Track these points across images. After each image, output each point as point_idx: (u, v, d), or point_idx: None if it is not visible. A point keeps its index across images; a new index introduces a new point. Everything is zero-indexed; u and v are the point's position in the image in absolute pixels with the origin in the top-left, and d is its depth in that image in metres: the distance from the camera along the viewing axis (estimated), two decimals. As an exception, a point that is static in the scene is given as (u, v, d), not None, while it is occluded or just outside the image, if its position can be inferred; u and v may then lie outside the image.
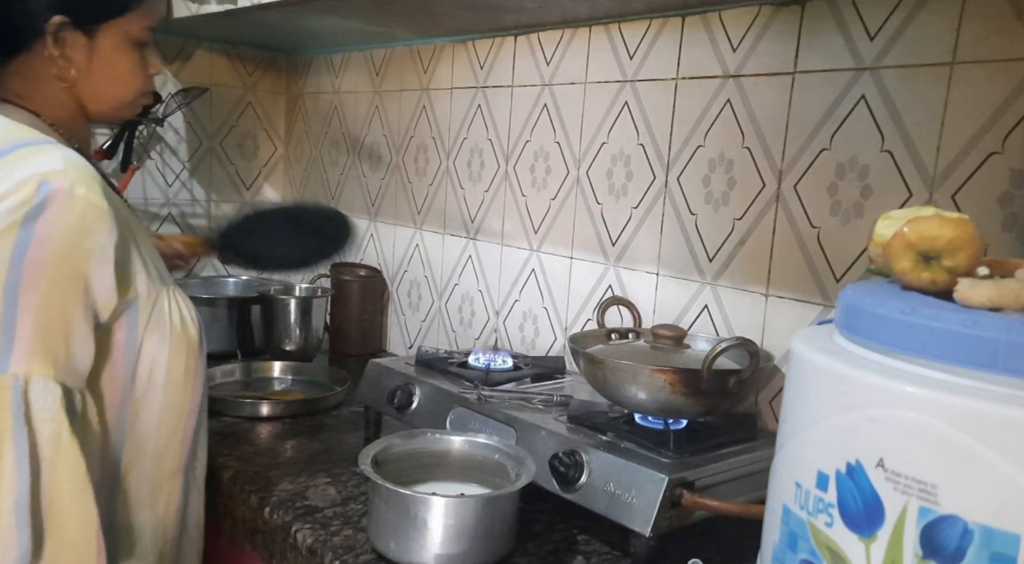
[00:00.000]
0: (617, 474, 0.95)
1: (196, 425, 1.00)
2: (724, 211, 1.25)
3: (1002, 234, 0.96)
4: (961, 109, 0.99)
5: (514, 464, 0.99)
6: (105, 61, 0.97)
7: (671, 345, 1.12)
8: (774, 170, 1.18)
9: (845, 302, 0.63)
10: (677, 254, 1.32)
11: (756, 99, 1.20)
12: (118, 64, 0.98)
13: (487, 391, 1.19)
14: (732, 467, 1.00)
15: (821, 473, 0.58)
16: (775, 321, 1.19)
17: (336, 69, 2.07)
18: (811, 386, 0.61)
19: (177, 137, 2.08)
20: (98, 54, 0.96)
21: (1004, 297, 0.54)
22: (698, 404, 1.01)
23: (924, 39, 1.02)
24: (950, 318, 0.53)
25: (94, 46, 0.96)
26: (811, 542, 0.59)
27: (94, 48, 0.96)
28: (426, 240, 1.83)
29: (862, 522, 0.55)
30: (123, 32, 0.97)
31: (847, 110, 1.09)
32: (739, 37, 1.21)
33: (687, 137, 1.29)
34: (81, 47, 0.95)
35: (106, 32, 0.96)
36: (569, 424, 1.08)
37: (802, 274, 1.15)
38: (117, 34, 0.96)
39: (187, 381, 0.97)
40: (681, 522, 0.93)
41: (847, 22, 1.09)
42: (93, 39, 0.95)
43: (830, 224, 1.12)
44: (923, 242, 0.59)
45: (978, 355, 0.52)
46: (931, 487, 0.52)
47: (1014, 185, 0.95)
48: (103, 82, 0.98)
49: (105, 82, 0.98)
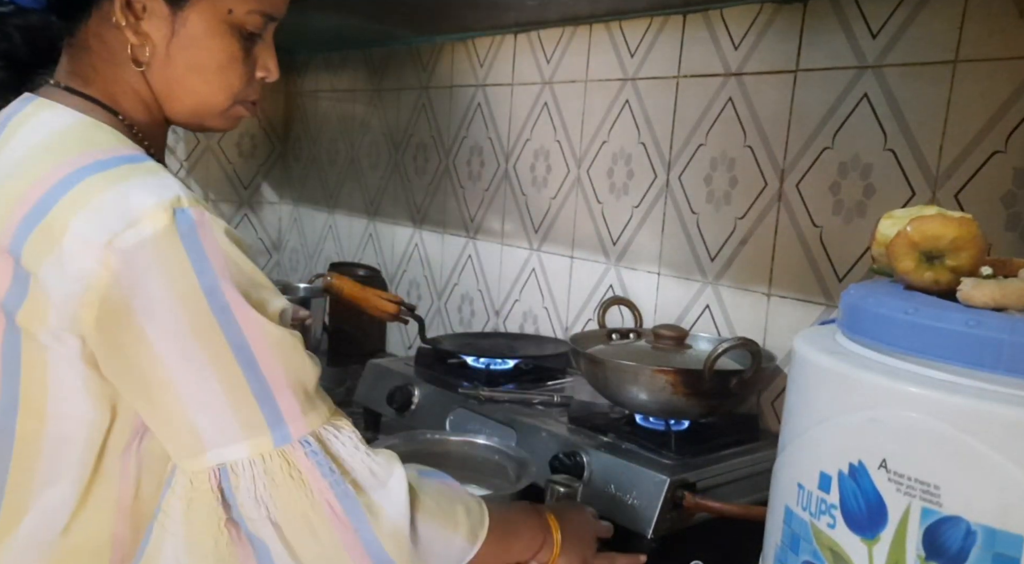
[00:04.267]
0: (618, 475, 0.95)
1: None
2: (726, 210, 1.24)
3: (1005, 233, 0.96)
4: (964, 107, 0.98)
5: (514, 465, 0.99)
6: (191, 44, 0.72)
7: (672, 345, 1.12)
8: (776, 169, 1.17)
9: (847, 302, 0.62)
10: (678, 253, 1.31)
11: (758, 97, 1.19)
12: (209, 52, 0.73)
13: (487, 392, 1.19)
14: (734, 468, 0.99)
15: (823, 474, 0.58)
16: (777, 321, 1.18)
17: (335, 68, 2.07)
18: (813, 387, 0.61)
19: (175, 135, 2.08)
20: (183, 33, 0.72)
21: (1007, 297, 0.54)
22: (699, 405, 1.01)
23: (927, 37, 1.01)
24: (953, 318, 0.53)
25: (179, 21, 0.71)
26: (813, 543, 0.59)
27: (179, 24, 0.71)
28: (425, 239, 1.83)
29: (865, 523, 0.55)
30: (222, 11, 0.72)
31: (849, 108, 1.09)
32: (741, 35, 1.21)
33: (688, 136, 1.28)
34: (161, 20, 0.71)
35: (198, 6, 0.71)
36: (570, 425, 1.08)
37: (804, 274, 1.15)
38: (214, 12, 0.72)
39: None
40: (682, 524, 0.93)
41: (849, 20, 1.08)
42: (179, 10, 0.71)
43: (832, 223, 1.12)
44: (926, 241, 0.59)
45: (981, 355, 0.52)
46: (934, 488, 0.51)
47: (1017, 184, 0.95)
48: (186, 74, 0.73)
49: (188, 74, 0.73)
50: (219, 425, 0.64)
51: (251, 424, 0.65)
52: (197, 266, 0.62)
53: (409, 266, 1.88)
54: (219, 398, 0.64)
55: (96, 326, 0.62)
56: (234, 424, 0.64)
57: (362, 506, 0.67)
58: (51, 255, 0.62)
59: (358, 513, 0.67)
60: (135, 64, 0.72)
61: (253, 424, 0.65)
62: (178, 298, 0.62)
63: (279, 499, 0.65)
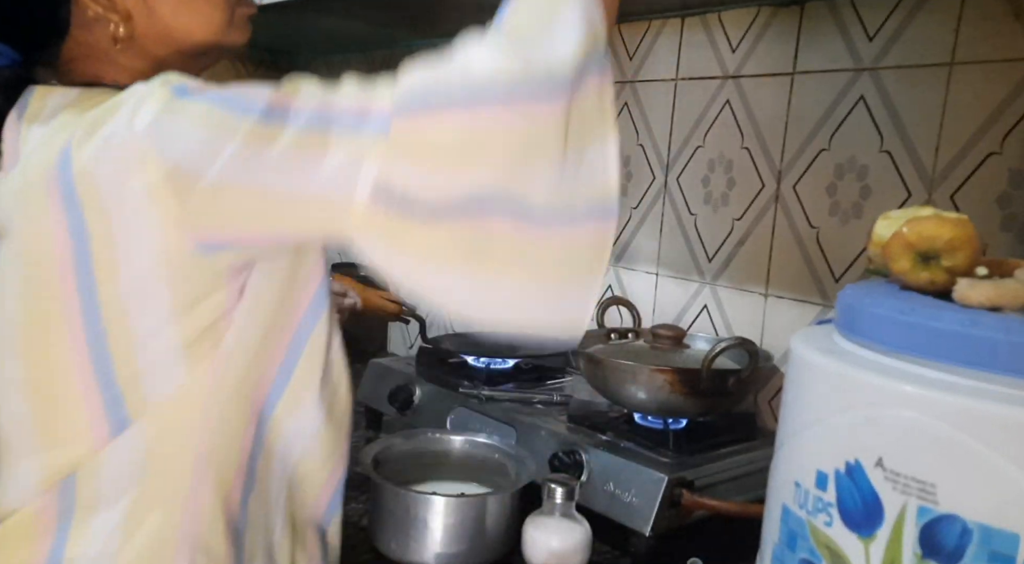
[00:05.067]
0: (617, 473, 0.95)
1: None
2: (723, 211, 1.25)
3: (1001, 234, 0.96)
4: (960, 109, 0.99)
5: (514, 464, 1.00)
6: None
7: (670, 345, 1.12)
8: (773, 170, 1.18)
9: (844, 302, 0.63)
10: (676, 254, 1.32)
11: (755, 99, 1.20)
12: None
13: (487, 391, 1.19)
14: (731, 467, 1.00)
15: (820, 472, 0.58)
16: (774, 321, 1.19)
17: (336, 71, 2.07)
18: (810, 386, 0.61)
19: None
20: None
21: (1003, 297, 0.54)
22: (697, 404, 1.01)
23: (923, 40, 1.02)
24: (949, 318, 0.54)
25: None
26: (810, 541, 0.59)
27: None
28: (426, 240, 1.83)
29: (861, 521, 0.55)
30: None
31: (846, 110, 1.09)
32: (738, 38, 1.21)
33: (686, 137, 1.29)
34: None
35: None
36: (569, 424, 1.09)
37: (801, 274, 1.15)
38: None
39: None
40: (681, 521, 0.93)
41: (846, 23, 1.09)
42: None
43: (829, 224, 1.12)
44: (922, 242, 0.59)
45: (977, 355, 0.52)
46: (930, 486, 0.52)
47: (1013, 185, 0.95)
48: (175, 15, 0.73)
49: (178, 14, 0.73)
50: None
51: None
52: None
53: (408, 266, 1.88)
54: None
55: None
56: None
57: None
58: None
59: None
60: (124, 42, 0.72)
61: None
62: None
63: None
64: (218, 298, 0.65)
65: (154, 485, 0.66)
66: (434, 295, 0.65)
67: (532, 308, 0.65)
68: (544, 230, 0.63)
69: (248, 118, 0.60)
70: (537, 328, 0.66)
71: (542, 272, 0.64)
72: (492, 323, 0.66)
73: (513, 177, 0.61)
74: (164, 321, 0.64)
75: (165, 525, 0.66)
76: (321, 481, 0.77)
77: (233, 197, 0.60)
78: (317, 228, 0.64)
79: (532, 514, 0.89)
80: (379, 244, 0.62)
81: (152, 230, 0.61)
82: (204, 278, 0.64)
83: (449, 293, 0.65)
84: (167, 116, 0.61)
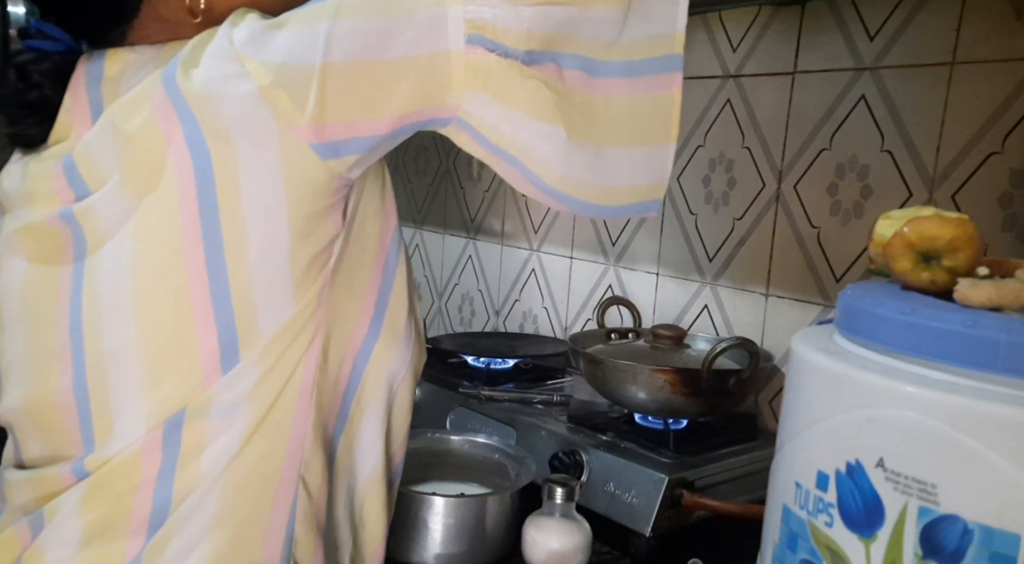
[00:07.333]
0: (617, 474, 0.95)
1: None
2: (724, 211, 1.25)
3: (1002, 234, 0.96)
4: (961, 109, 0.99)
5: (514, 464, 1.00)
6: None
7: (671, 345, 1.12)
8: (774, 170, 1.18)
9: (845, 302, 0.62)
10: (677, 254, 1.32)
11: (756, 99, 1.20)
12: None
13: (487, 391, 1.19)
14: (732, 467, 1.00)
15: (821, 473, 0.58)
16: (775, 321, 1.19)
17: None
18: (811, 386, 0.61)
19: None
20: None
21: (1004, 297, 0.54)
22: (698, 404, 1.01)
23: (924, 39, 1.02)
24: (950, 318, 0.53)
25: None
26: (811, 542, 0.59)
27: None
28: (426, 240, 1.83)
29: (862, 522, 0.55)
30: None
31: (847, 110, 1.09)
32: (739, 37, 1.21)
33: (687, 137, 1.29)
34: None
35: None
36: (569, 424, 1.09)
37: (802, 274, 1.15)
38: None
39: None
40: (681, 522, 0.93)
41: (847, 22, 1.09)
42: None
43: (830, 224, 1.12)
44: (923, 242, 0.59)
45: (978, 355, 0.52)
46: (931, 487, 0.52)
47: (1014, 185, 0.95)
48: None
49: None
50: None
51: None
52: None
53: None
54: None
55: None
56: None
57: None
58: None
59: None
60: (204, 13, 0.69)
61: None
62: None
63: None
64: (326, 225, 0.65)
65: (261, 419, 0.66)
66: (542, 147, 0.65)
67: (614, 170, 0.67)
68: (608, 83, 0.65)
69: (329, 4, 0.61)
70: (619, 192, 0.68)
71: (615, 133, 0.66)
72: (579, 186, 0.67)
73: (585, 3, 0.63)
74: (281, 248, 0.64)
75: (272, 454, 0.67)
76: (404, 434, 0.80)
77: (340, 76, 0.61)
78: (427, 97, 0.63)
79: (532, 515, 0.89)
80: (488, 98, 0.63)
81: (270, 138, 0.62)
82: (319, 195, 0.64)
83: (553, 143, 0.65)
84: (261, 26, 0.63)
